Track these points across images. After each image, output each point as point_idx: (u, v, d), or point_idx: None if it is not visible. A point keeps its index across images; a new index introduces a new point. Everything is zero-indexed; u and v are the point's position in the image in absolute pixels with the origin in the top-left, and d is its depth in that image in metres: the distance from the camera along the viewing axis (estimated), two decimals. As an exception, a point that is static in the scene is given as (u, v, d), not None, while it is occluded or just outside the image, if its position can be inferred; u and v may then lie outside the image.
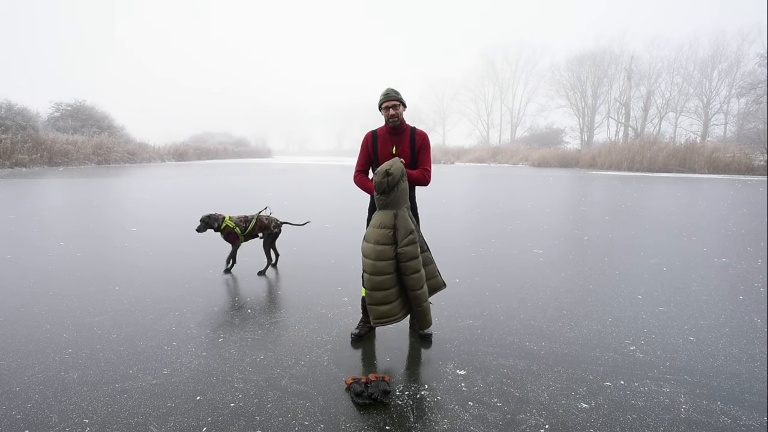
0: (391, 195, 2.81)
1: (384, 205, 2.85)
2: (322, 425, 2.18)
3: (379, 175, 2.77)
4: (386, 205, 2.85)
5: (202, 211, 5.25)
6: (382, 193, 2.81)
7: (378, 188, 2.80)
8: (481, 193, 14.33)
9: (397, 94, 3.01)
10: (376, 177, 2.78)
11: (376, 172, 2.80)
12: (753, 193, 13.98)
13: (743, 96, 33.59)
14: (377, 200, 2.88)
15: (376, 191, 2.83)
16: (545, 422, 2.20)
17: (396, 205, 2.85)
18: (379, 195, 2.83)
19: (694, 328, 3.37)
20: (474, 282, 4.54)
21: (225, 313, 3.66)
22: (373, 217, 2.92)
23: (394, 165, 2.78)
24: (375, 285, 2.83)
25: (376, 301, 2.85)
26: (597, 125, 49.09)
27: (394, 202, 2.83)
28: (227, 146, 55.20)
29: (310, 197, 12.69)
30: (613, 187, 16.21)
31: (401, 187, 2.82)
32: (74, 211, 9.46)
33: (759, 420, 2.23)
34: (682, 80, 45.24)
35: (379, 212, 2.88)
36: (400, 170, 2.80)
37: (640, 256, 5.66)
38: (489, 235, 7.01)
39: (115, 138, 32.57)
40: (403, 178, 2.83)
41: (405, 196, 2.87)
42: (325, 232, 7.19)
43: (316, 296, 4.05)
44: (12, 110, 25.23)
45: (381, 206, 2.87)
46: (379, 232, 2.82)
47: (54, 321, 3.43)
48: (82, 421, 2.19)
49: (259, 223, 4.78)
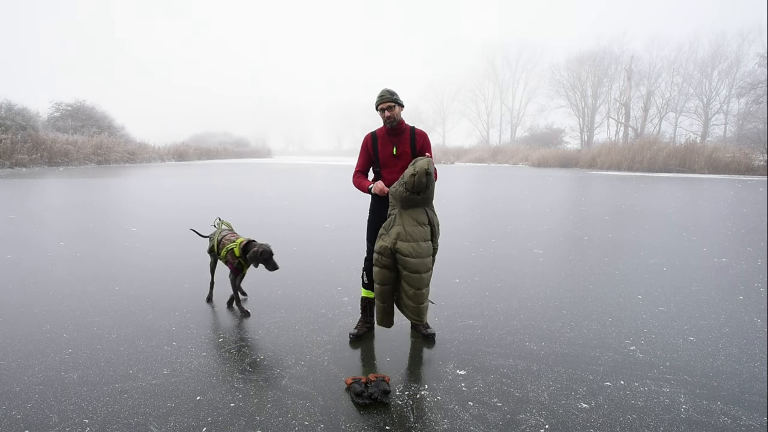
0: (424, 193, 2.86)
1: (415, 204, 2.89)
2: (322, 425, 2.18)
3: (420, 174, 2.79)
4: (418, 203, 2.89)
5: (202, 211, 5.24)
6: (419, 192, 2.84)
7: (417, 187, 2.82)
8: (481, 194, 14.33)
9: (393, 95, 2.99)
10: (418, 177, 2.79)
11: (416, 172, 2.79)
12: (753, 193, 13.97)
13: (743, 96, 33.63)
14: (406, 199, 2.87)
15: (414, 190, 2.83)
16: (545, 422, 2.20)
17: (427, 202, 2.94)
18: (414, 194, 2.85)
19: (694, 328, 3.37)
20: (474, 282, 4.54)
21: (225, 313, 3.66)
22: (402, 217, 2.90)
23: (430, 164, 2.83)
24: (425, 283, 2.90)
25: (424, 298, 2.93)
26: (597, 125, 49.12)
27: (427, 199, 2.92)
28: (227, 146, 55.23)
29: (310, 197, 12.69)
30: (613, 187, 16.21)
31: (433, 185, 2.90)
32: (74, 211, 9.46)
33: (759, 420, 2.23)
34: (682, 80, 45.26)
35: (409, 210, 2.90)
36: (434, 170, 2.89)
37: (640, 256, 5.66)
38: (489, 235, 7.01)
39: (115, 138, 32.57)
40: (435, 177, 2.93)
41: (433, 193, 2.96)
42: (325, 232, 7.19)
43: (316, 296, 4.05)
44: (12, 110, 25.22)
45: (410, 205, 2.89)
46: (421, 229, 2.89)
47: (54, 321, 3.43)
48: (82, 421, 2.19)
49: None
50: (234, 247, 3.56)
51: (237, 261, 3.56)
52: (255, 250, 3.46)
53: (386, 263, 2.92)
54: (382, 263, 2.93)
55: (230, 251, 3.58)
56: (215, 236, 3.78)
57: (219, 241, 3.72)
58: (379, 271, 2.95)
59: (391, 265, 2.93)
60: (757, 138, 26.93)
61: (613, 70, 47.41)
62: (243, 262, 3.56)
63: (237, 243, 3.57)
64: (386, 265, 2.92)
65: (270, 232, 7.11)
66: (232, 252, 3.57)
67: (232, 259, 3.56)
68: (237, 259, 3.55)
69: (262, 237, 6.60)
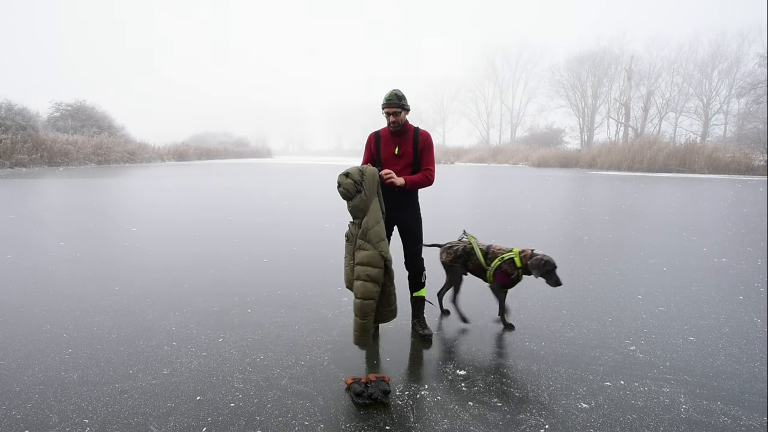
0: (351, 201, 2.81)
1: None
2: (322, 425, 2.18)
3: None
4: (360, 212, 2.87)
5: (203, 211, 5.23)
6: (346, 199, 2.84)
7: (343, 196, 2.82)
8: (481, 194, 14.33)
9: (400, 99, 2.97)
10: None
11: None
12: (753, 193, 13.97)
13: (743, 96, 33.63)
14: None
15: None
16: (545, 422, 2.20)
17: (359, 212, 2.88)
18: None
19: (694, 328, 3.37)
20: (474, 282, 4.53)
21: (225, 313, 3.65)
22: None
23: (343, 175, 2.80)
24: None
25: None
26: (597, 125, 49.13)
27: (356, 208, 2.86)
28: (227, 146, 55.21)
29: (310, 197, 12.69)
30: (613, 187, 16.21)
31: (359, 197, 2.83)
32: (74, 211, 9.46)
33: (759, 420, 2.23)
34: (682, 80, 45.27)
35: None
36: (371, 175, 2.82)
37: (640, 256, 5.66)
38: (489, 235, 7.01)
39: (115, 138, 32.55)
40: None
41: (364, 203, 2.86)
42: (325, 232, 7.19)
43: (316, 296, 4.05)
44: (12, 110, 25.20)
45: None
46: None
47: (54, 321, 3.43)
48: (82, 421, 2.19)
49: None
50: (513, 256, 3.19)
51: (516, 272, 3.19)
52: (539, 259, 3.10)
53: (374, 275, 2.74)
54: (368, 275, 2.73)
55: (507, 261, 3.19)
56: (476, 248, 3.34)
57: (485, 250, 3.32)
58: (363, 284, 2.74)
59: (379, 277, 2.76)
60: (757, 138, 26.93)
61: (613, 70, 47.42)
62: (520, 273, 3.21)
63: (515, 252, 3.21)
64: (373, 277, 2.74)
65: (270, 232, 7.12)
66: (510, 262, 3.19)
67: (511, 270, 3.18)
68: (516, 270, 3.19)
69: (263, 236, 6.64)
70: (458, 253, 3.41)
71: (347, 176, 2.76)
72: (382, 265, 2.76)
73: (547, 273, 3.11)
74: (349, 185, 2.75)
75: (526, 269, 3.17)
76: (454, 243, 3.49)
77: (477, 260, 3.32)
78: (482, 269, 3.31)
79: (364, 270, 2.74)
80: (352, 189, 2.76)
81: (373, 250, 2.74)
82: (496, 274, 3.24)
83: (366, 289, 2.73)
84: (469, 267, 3.41)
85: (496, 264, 3.22)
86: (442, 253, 3.51)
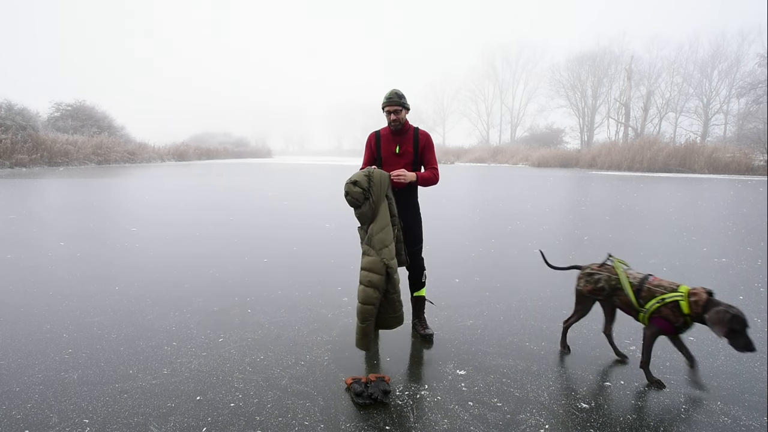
0: (359, 209, 2.83)
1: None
2: (322, 425, 2.18)
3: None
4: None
5: (203, 211, 5.23)
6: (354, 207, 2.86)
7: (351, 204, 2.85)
8: (481, 193, 14.33)
9: (400, 98, 2.99)
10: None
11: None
12: (753, 193, 13.97)
13: (743, 96, 33.63)
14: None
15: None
16: (545, 422, 2.20)
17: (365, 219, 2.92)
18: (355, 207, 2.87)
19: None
20: (474, 282, 4.54)
21: (225, 313, 3.65)
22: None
23: (350, 182, 2.81)
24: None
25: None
26: (597, 125, 49.13)
27: (363, 215, 2.89)
28: (227, 146, 55.25)
29: (310, 197, 12.70)
30: (613, 187, 16.21)
31: (363, 204, 2.87)
32: (74, 211, 9.46)
33: (759, 420, 2.23)
34: (682, 80, 45.27)
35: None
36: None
37: (640, 256, 5.66)
38: (489, 235, 7.01)
39: (115, 138, 32.57)
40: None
41: (371, 210, 2.88)
42: (325, 232, 7.19)
43: (316, 296, 4.05)
44: (12, 110, 25.22)
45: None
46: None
47: (54, 321, 3.43)
48: (82, 421, 2.19)
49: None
50: (679, 299, 2.40)
51: (682, 320, 2.41)
52: (723, 313, 2.24)
53: (375, 281, 2.73)
54: (370, 280, 2.73)
55: (671, 305, 2.42)
56: (624, 281, 2.63)
57: (637, 285, 2.58)
58: (363, 289, 2.76)
59: (380, 284, 2.75)
60: (757, 138, 26.93)
61: (613, 70, 47.43)
62: (689, 321, 2.41)
63: (682, 293, 2.42)
64: (374, 283, 2.74)
65: (270, 232, 7.12)
66: (674, 306, 2.41)
67: (674, 317, 2.41)
68: (683, 317, 2.40)
69: (262, 237, 6.64)
70: (599, 285, 2.74)
71: (355, 184, 2.76)
72: (383, 272, 2.75)
73: (732, 332, 2.22)
74: (357, 194, 2.77)
75: (697, 317, 2.36)
76: (596, 269, 2.80)
77: (626, 297, 2.62)
78: (633, 308, 2.60)
79: (366, 275, 2.77)
80: (360, 197, 2.77)
81: (375, 257, 2.75)
82: (652, 318, 2.51)
83: (366, 294, 2.75)
84: (615, 303, 2.74)
85: (654, 307, 2.49)
86: (581, 278, 2.86)
